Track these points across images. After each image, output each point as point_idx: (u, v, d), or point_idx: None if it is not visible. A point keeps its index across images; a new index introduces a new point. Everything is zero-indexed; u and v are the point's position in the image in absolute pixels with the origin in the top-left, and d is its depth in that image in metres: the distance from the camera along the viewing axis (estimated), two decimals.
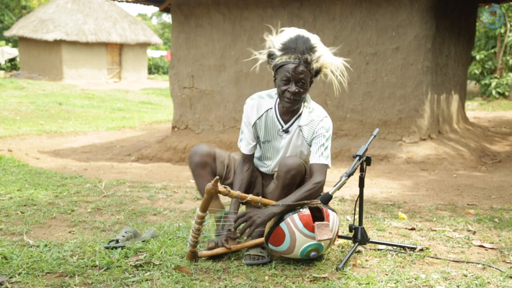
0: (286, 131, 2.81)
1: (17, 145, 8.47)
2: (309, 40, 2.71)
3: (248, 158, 2.90)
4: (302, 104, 2.80)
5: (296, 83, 2.66)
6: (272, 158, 2.90)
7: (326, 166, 2.71)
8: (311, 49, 2.69)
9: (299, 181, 2.70)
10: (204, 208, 2.58)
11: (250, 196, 2.60)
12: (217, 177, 2.50)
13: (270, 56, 2.76)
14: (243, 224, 2.63)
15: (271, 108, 2.84)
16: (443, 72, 7.66)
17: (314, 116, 2.79)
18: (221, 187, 2.53)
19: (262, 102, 2.86)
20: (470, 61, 11.24)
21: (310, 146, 2.79)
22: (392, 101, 6.94)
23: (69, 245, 2.93)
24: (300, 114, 2.80)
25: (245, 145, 2.89)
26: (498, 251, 2.91)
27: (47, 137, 9.85)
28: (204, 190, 2.56)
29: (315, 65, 2.71)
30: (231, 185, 2.92)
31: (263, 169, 2.97)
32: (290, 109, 2.78)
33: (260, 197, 2.63)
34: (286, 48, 2.68)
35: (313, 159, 2.71)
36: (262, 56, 2.84)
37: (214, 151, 2.94)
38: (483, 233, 3.27)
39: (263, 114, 2.85)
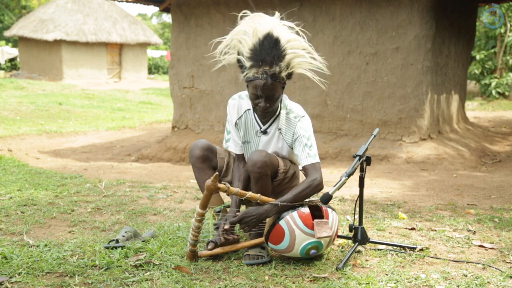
0: (264, 132, 2.82)
1: (17, 145, 8.47)
2: (278, 43, 2.61)
3: (242, 157, 2.93)
4: (279, 105, 2.79)
5: (266, 98, 2.64)
6: None
7: (317, 163, 2.71)
8: (280, 56, 2.61)
9: (271, 173, 2.69)
10: (204, 205, 2.58)
11: (249, 194, 2.61)
12: (217, 173, 2.51)
13: (239, 61, 2.72)
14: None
15: (250, 109, 2.85)
16: (443, 72, 7.66)
17: (291, 117, 2.78)
18: (220, 184, 2.54)
19: (242, 103, 2.87)
20: (470, 61, 11.23)
21: (292, 148, 2.79)
22: (392, 101, 6.94)
23: (69, 245, 2.93)
24: (278, 116, 2.80)
25: (234, 145, 2.91)
26: (498, 251, 2.91)
27: (47, 137, 9.84)
28: (204, 185, 2.56)
29: (285, 73, 2.65)
30: (230, 183, 2.93)
31: None
32: (263, 117, 2.78)
33: (259, 194, 2.63)
34: (255, 58, 2.61)
35: (302, 162, 2.71)
36: (229, 58, 2.77)
37: (214, 147, 2.97)
38: (483, 233, 3.26)
39: (242, 114, 2.87)
